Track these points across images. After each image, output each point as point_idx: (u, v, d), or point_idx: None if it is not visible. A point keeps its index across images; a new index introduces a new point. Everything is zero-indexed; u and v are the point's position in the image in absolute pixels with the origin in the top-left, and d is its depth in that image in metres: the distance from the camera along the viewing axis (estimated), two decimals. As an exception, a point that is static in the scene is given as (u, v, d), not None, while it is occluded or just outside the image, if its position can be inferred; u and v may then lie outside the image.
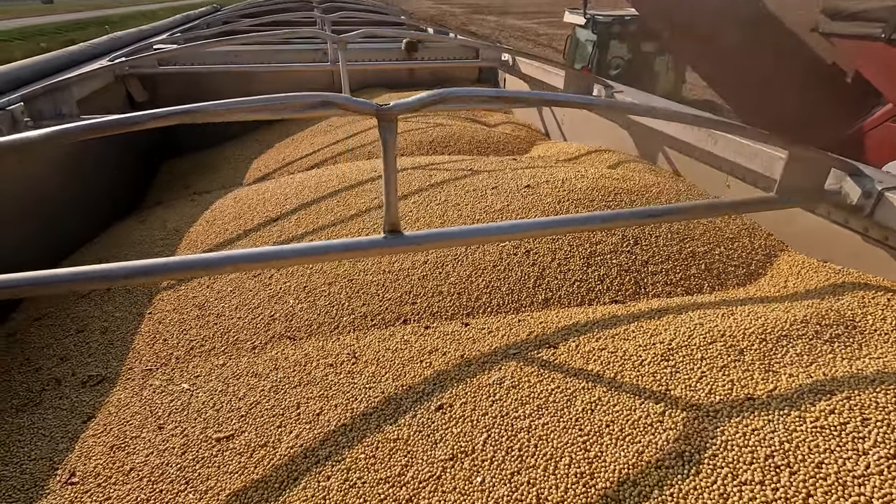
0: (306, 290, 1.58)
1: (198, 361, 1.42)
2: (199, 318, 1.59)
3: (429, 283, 1.51)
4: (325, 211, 2.04)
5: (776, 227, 1.81)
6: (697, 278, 1.53)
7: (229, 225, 2.13)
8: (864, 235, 1.53)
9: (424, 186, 2.02)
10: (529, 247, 1.57)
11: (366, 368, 1.23)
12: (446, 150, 2.83)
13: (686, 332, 1.17)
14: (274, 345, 1.42)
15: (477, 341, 1.26)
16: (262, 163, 3.20)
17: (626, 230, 1.62)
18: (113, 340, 1.58)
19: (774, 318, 1.22)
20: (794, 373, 1.02)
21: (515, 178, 1.95)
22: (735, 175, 1.97)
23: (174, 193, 3.12)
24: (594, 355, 1.14)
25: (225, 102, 0.98)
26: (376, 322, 1.43)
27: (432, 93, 1.07)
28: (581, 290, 1.46)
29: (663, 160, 2.40)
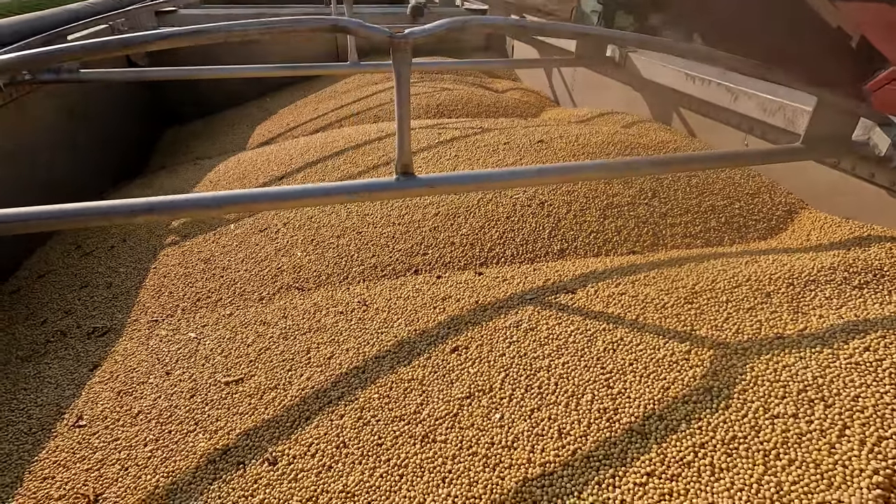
0: (314, 242, 1.54)
1: (204, 312, 1.39)
2: (205, 271, 1.55)
3: (440, 234, 1.46)
4: (332, 169, 1.99)
5: (797, 184, 1.76)
6: (717, 231, 1.48)
7: (233, 185, 2.09)
8: (891, 190, 1.47)
9: (434, 143, 1.97)
10: (544, 198, 1.52)
11: (377, 315, 1.19)
12: (454, 114, 2.77)
13: (710, 277, 1.13)
14: (282, 295, 1.39)
15: (492, 289, 1.23)
16: (266, 128, 3.14)
17: (643, 183, 1.57)
18: (117, 294, 1.55)
19: (801, 265, 1.17)
20: (825, 314, 0.98)
21: (528, 135, 1.89)
22: (754, 133, 1.90)
23: (177, 158, 3.07)
24: (614, 299, 1.10)
25: (230, 24, 0.92)
26: (387, 273, 1.39)
27: (450, 20, 1.01)
28: (598, 241, 1.42)
29: (678, 122, 2.33)
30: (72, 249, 1.80)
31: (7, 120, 1.91)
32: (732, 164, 1.41)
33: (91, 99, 2.56)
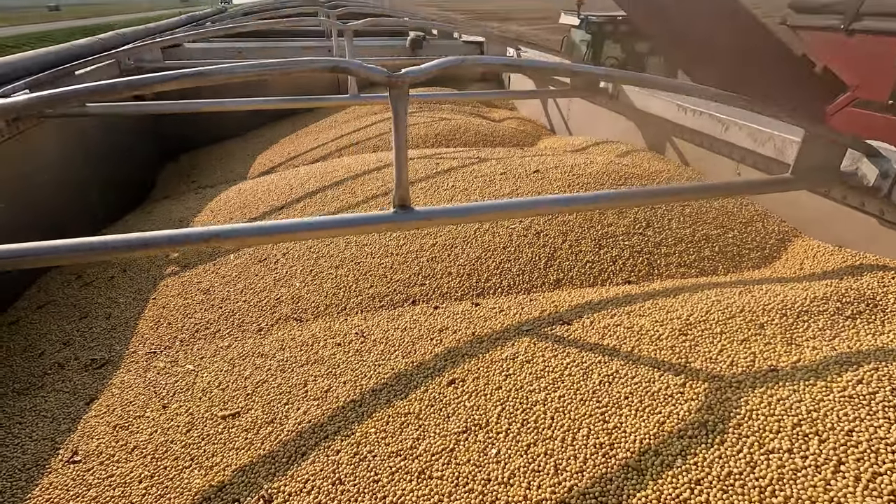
0: (313, 273, 1.55)
1: (203, 344, 1.40)
2: (204, 302, 1.56)
3: (437, 264, 1.48)
4: (331, 199, 2.02)
5: (789, 212, 1.78)
6: (712, 260, 1.50)
7: (234, 214, 2.11)
8: (881, 219, 1.50)
9: (432, 173, 2.00)
10: (540, 228, 1.54)
11: (374, 347, 1.20)
12: (452, 143, 2.82)
13: (703, 308, 1.14)
14: (280, 326, 1.40)
15: (488, 319, 1.24)
16: (267, 158, 3.19)
17: (637, 213, 1.59)
18: (116, 326, 1.56)
19: (794, 295, 1.18)
20: (818, 346, 0.99)
21: (524, 165, 1.93)
22: (745, 163, 1.94)
23: (180, 187, 3.12)
24: (609, 331, 1.11)
25: (231, 66, 0.96)
26: (384, 303, 1.40)
27: (446, 59, 1.05)
28: (593, 271, 1.43)
29: (671, 151, 2.37)
30: (72, 280, 1.82)
31: (13, 153, 1.95)
32: (723, 194, 1.44)
33: (96, 129, 2.62)
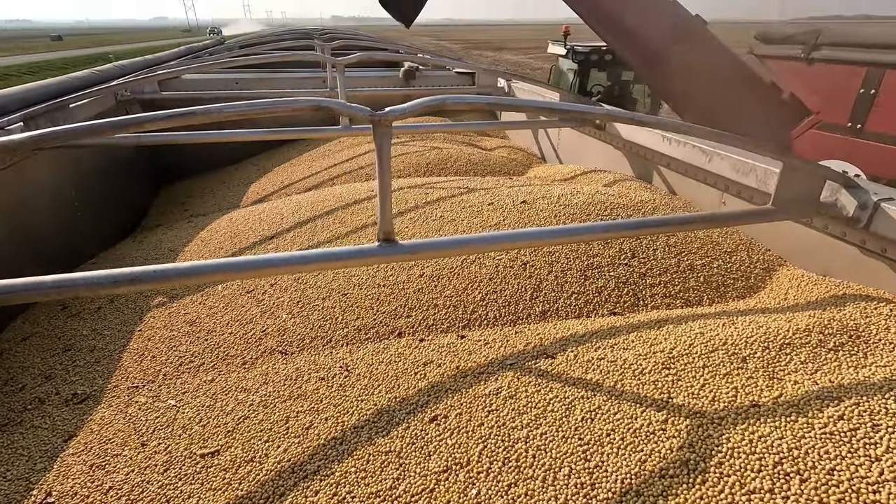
0: (300, 304, 1.55)
1: (186, 377, 1.38)
2: (190, 334, 1.55)
3: (424, 296, 1.48)
4: (321, 228, 2.03)
5: (774, 241, 1.81)
6: (696, 290, 1.51)
7: (225, 244, 2.12)
8: (862, 248, 1.52)
9: (421, 203, 2.02)
10: (526, 259, 1.55)
11: (358, 381, 1.19)
12: (443, 172, 2.85)
13: (687, 341, 1.14)
14: (265, 359, 1.39)
15: (473, 353, 1.23)
16: (260, 186, 3.22)
17: (623, 243, 1.61)
18: (100, 358, 1.54)
19: (776, 327, 1.19)
20: (800, 380, 0.99)
21: (511, 195, 1.95)
22: (730, 192, 1.97)
23: (173, 215, 3.13)
24: (593, 364, 1.10)
25: (218, 106, 0.98)
26: (370, 335, 1.40)
27: (428, 98, 1.08)
28: (579, 303, 1.44)
29: (658, 180, 2.42)
30: (58, 311, 1.80)
31: (6, 183, 1.96)
32: (706, 226, 1.46)
33: (89, 158, 2.64)
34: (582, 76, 7.52)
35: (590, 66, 7.45)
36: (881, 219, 1.40)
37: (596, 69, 7.52)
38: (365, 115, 1.05)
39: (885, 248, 1.44)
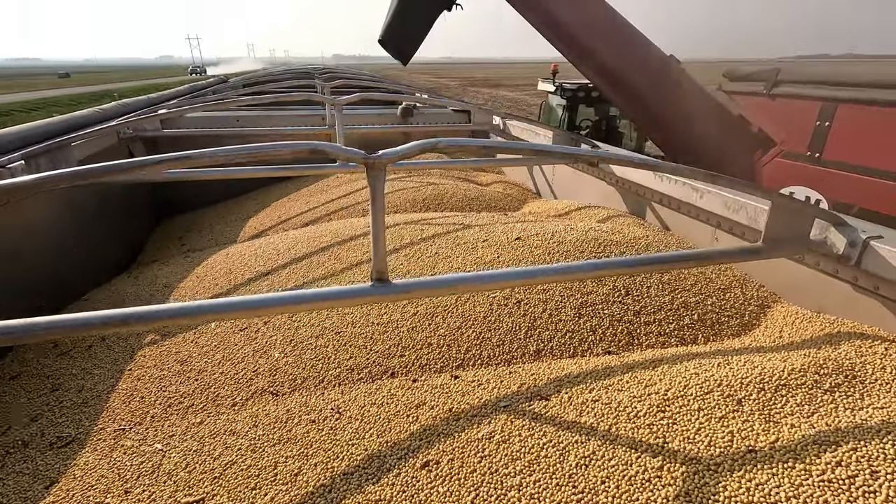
0: (292, 343, 1.54)
1: (174, 419, 1.36)
2: (181, 374, 1.53)
3: (418, 334, 1.47)
4: (317, 265, 2.03)
5: (768, 278, 1.81)
6: (691, 328, 1.50)
7: (220, 280, 2.12)
8: (855, 285, 1.52)
9: (416, 240, 2.03)
10: (520, 297, 1.55)
11: (349, 424, 1.17)
12: (439, 208, 2.89)
13: (682, 382, 1.13)
14: (255, 401, 1.36)
15: (466, 394, 1.21)
16: (258, 221, 3.24)
17: (616, 281, 1.61)
18: (88, 399, 1.51)
19: (772, 367, 1.18)
20: (796, 423, 0.98)
21: (506, 232, 1.97)
22: (722, 228, 1.99)
23: (170, 250, 3.13)
24: (587, 407, 1.09)
25: (217, 150, 1.00)
26: (363, 376, 1.38)
27: (421, 142, 1.10)
28: (573, 341, 1.43)
29: (651, 216, 2.44)
30: (49, 348, 1.78)
31: (4, 221, 1.97)
32: (697, 264, 1.47)
33: (86, 193, 2.66)
34: (571, 112, 7.87)
35: (577, 102, 7.79)
36: (870, 257, 1.41)
37: (584, 105, 7.85)
38: (360, 158, 1.07)
39: (878, 286, 1.45)
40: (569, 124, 7.83)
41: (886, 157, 2.99)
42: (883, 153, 3.02)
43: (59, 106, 24.40)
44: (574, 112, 7.86)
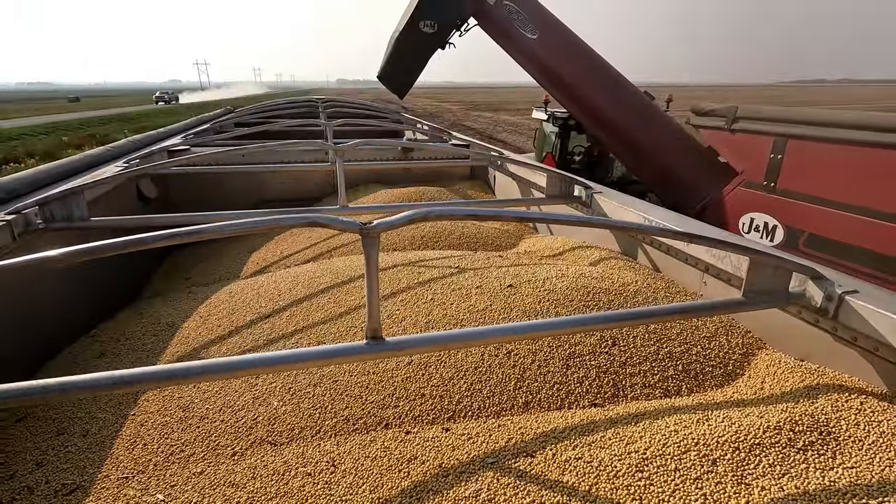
0: (291, 391, 1.60)
1: (176, 469, 1.40)
2: (182, 420, 1.59)
3: (411, 385, 1.53)
4: (317, 308, 2.10)
5: (754, 324, 1.87)
6: (675, 380, 1.56)
7: (223, 321, 2.18)
8: (834, 335, 1.58)
9: (412, 285, 2.11)
10: (510, 347, 1.61)
11: (344, 478, 1.22)
12: (437, 245, 2.96)
13: (661, 440, 1.18)
14: (255, 450, 1.42)
15: (456, 448, 1.27)
16: (261, 256, 3.32)
17: (603, 331, 1.67)
18: (92, 444, 1.56)
19: (748, 424, 1.23)
20: (766, 485, 1.02)
21: (499, 278, 2.04)
22: (710, 273, 2.06)
23: (174, 284, 3.21)
24: (570, 465, 1.14)
25: (217, 225, 1.09)
26: (357, 426, 1.43)
27: (414, 212, 1.19)
28: (560, 393, 1.48)
29: (643, 257, 2.51)
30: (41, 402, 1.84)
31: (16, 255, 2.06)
32: (681, 317, 1.53)
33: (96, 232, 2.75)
34: (563, 139, 8.17)
35: (569, 129, 8.10)
36: (846, 311, 1.48)
37: (575, 132, 8.11)
38: (355, 228, 1.15)
39: (856, 337, 1.51)
40: (561, 150, 8.12)
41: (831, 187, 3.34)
42: (828, 184, 3.38)
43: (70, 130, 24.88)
44: (566, 139, 8.18)
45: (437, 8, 4.99)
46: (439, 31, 5.12)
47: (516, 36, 4.99)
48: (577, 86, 5.01)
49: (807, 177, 3.57)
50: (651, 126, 4.88)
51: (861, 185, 3.16)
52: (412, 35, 5.09)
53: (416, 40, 5.12)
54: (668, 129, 4.92)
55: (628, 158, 5.20)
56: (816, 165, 3.50)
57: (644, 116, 4.91)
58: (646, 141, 4.89)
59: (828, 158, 3.39)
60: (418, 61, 5.33)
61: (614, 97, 4.96)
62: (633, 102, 4.98)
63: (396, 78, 5.43)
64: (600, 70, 4.98)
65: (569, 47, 5.03)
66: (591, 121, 5.21)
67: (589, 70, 4.99)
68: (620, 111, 4.92)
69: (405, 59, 5.28)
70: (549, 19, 4.95)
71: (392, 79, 5.44)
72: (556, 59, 4.97)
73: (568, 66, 4.97)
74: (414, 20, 5.02)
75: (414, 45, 5.17)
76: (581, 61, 5.02)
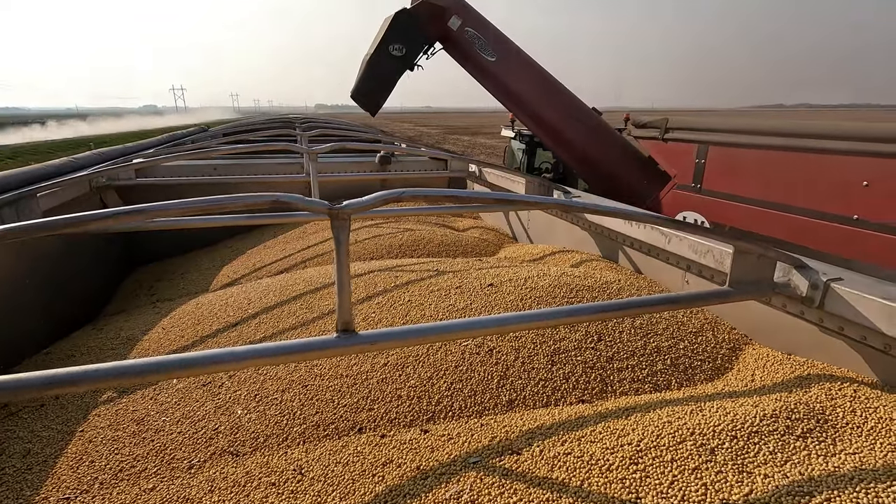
0: (257, 398, 1.47)
1: (124, 486, 1.26)
2: (136, 434, 1.44)
3: (388, 386, 1.43)
4: (288, 314, 1.99)
5: (739, 320, 1.83)
6: (664, 374, 1.49)
7: (187, 332, 2.05)
8: (821, 326, 1.54)
9: (389, 287, 2.01)
10: (493, 345, 1.53)
11: (311, 486, 1.10)
12: (414, 254, 2.88)
13: (655, 432, 1.10)
14: (214, 462, 1.29)
15: (435, 450, 1.16)
16: (232, 269, 3.18)
17: (589, 326, 1.61)
18: (32, 465, 1.40)
19: (744, 413, 1.17)
20: (770, 473, 0.95)
21: (479, 278, 1.96)
22: (691, 271, 2.03)
23: (139, 300, 3.04)
24: (559, 461, 1.05)
25: (171, 202, 0.99)
26: (329, 432, 1.32)
27: (385, 192, 1.11)
28: (546, 390, 1.40)
29: (624, 259, 2.48)
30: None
31: None
32: (667, 308, 1.47)
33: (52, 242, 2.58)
34: (529, 155, 8.48)
35: (535, 146, 8.40)
36: (832, 299, 1.44)
37: (541, 148, 8.34)
38: (323, 208, 1.07)
39: (842, 327, 1.47)
40: (528, 166, 8.41)
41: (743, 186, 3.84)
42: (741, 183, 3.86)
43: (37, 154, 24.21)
44: (533, 155, 8.54)
45: (405, 33, 5.45)
46: (407, 54, 5.55)
47: (477, 58, 5.48)
48: (532, 103, 5.52)
49: (724, 178, 4.02)
50: (599, 139, 5.38)
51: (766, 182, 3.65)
52: (382, 57, 5.51)
53: (387, 62, 5.55)
54: (614, 142, 5.39)
55: (581, 169, 5.66)
56: (731, 167, 3.96)
57: (593, 130, 5.41)
58: (596, 153, 5.36)
59: (739, 161, 3.88)
60: (388, 81, 5.75)
61: (566, 113, 5.47)
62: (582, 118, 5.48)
63: (368, 96, 5.85)
64: (552, 88, 5.51)
65: (524, 68, 5.54)
66: (547, 135, 5.69)
67: (542, 88, 5.51)
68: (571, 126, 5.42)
69: (376, 79, 5.71)
70: (506, 43, 5.50)
71: (364, 97, 5.87)
72: (513, 79, 5.49)
73: (523, 85, 5.49)
74: (384, 44, 5.45)
75: (384, 66, 5.59)
76: (534, 80, 5.54)
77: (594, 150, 5.37)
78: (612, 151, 5.35)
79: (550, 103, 5.47)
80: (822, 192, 3.28)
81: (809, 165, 3.37)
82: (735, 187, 3.88)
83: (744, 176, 3.82)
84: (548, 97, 5.48)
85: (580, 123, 5.43)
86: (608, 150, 5.36)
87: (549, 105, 5.48)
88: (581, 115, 5.50)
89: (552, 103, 5.47)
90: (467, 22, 5.40)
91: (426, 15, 5.42)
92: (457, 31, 5.41)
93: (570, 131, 5.42)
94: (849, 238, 3.12)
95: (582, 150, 5.42)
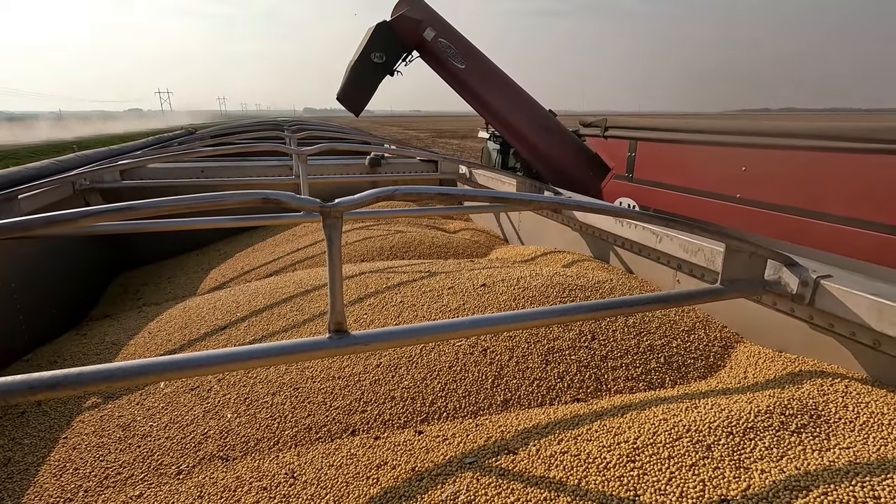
0: (247, 401, 1.44)
1: (110, 494, 1.23)
2: (122, 440, 1.41)
3: (381, 387, 1.41)
4: (278, 317, 1.96)
5: (730, 318, 1.84)
6: (658, 372, 1.49)
7: (174, 336, 2.01)
8: (811, 324, 1.56)
9: (381, 289, 1.99)
10: (486, 345, 1.51)
11: (304, 490, 1.08)
12: (406, 255, 2.87)
13: (651, 429, 1.10)
14: (203, 468, 1.25)
15: (430, 451, 1.15)
16: (221, 272, 3.14)
17: (582, 325, 1.60)
18: (13, 474, 1.36)
19: (738, 409, 1.17)
20: (766, 468, 0.95)
21: (472, 279, 1.95)
22: (682, 271, 2.04)
23: (124, 305, 2.98)
24: (556, 459, 1.04)
25: (160, 200, 0.96)
26: (321, 435, 1.29)
27: (377, 190, 1.10)
28: (541, 389, 1.39)
29: (615, 259, 2.49)
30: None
31: None
32: (658, 307, 1.48)
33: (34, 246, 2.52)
34: (504, 155, 8.83)
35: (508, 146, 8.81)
36: (822, 296, 1.45)
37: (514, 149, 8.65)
38: (314, 206, 1.05)
39: (832, 324, 1.48)
40: (502, 164, 8.86)
41: (664, 174, 4.53)
42: (661, 172, 4.57)
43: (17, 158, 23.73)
44: (506, 155, 9.05)
45: (385, 42, 6.10)
46: (387, 61, 6.18)
47: (448, 65, 6.12)
48: (496, 105, 6.22)
49: (649, 168, 4.75)
50: (555, 138, 6.10)
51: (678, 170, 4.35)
52: (365, 63, 6.11)
53: (369, 68, 6.15)
54: (566, 140, 6.07)
55: (539, 164, 6.37)
56: (654, 160, 4.70)
57: (549, 130, 6.13)
58: (551, 150, 6.05)
59: (658, 154, 4.63)
60: (371, 85, 6.38)
61: (526, 115, 6.19)
62: (539, 119, 6.19)
63: (353, 99, 6.45)
64: (513, 92, 6.22)
65: (489, 74, 6.23)
66: (510, 134, 6.38)
67: (504, 92, 6.21)
68: (530, 126, 6.14)
69: (360, 83, 6.30)
70: (474, 51, 6.19)
71: (349, 99, 6.47)
72: (480, 84, 6.18)
73: (488, 89, 6.19)
74: (367, 51, 6.07)
75: (367, 71, 6.20)
76: (498, 85, 6.24)
77: (550, 148, 6.09)
78: (564, 148, 6.05)
79: (512, 106, 6.23)
80: (714, 176, 3.98)
81: (705, 156, 4.08)
82: (657, 176, 4.63)
83: (663, 166, 4.57)
84: (509, 100, 6.24)
85: (538, 124, 6.18)
86: (562, 147, 6.05)
87: (512, 108, 6.23)
88: (538, 117, 6.25)
89: (514, 106, 6.23)
90: (440, 33, 6.07)
91: (404, 26, 6.06)
92: (431, 41, 6.08)
93: (527, 130, 6.18)
94: (733, 213, 3.81)
95: (538, 146, 6.15)
